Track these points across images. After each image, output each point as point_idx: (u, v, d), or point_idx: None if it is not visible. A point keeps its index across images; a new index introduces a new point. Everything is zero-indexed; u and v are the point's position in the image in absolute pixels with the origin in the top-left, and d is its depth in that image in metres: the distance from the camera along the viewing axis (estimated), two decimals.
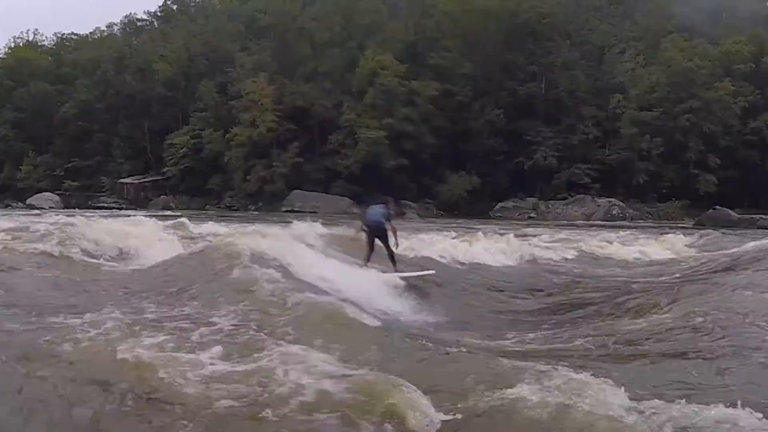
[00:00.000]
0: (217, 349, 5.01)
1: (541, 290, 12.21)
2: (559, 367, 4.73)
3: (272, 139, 53.65)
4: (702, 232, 25.23)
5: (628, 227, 31.45)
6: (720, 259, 15.30)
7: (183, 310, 6.52)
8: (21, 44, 74.02)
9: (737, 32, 54.85)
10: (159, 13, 79.92)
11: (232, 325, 5.86)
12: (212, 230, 16.12)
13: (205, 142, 56.47)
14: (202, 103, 58.81)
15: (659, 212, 47.51)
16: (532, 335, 7.68)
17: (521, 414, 3.95)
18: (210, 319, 6.03)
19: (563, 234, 23.67)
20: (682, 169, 49.91)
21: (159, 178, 59.35)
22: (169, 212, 37.64)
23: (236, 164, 53.99)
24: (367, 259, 11.74)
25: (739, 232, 26.32)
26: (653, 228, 32.16)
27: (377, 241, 11.82)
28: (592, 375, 4.49)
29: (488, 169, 51.07)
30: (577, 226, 33.40)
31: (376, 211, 12.02)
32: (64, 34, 78.08)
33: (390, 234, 11.70)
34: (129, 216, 16.52)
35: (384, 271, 11.51)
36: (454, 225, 27.24)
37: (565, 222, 40.18)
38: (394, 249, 11.76)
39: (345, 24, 58.89)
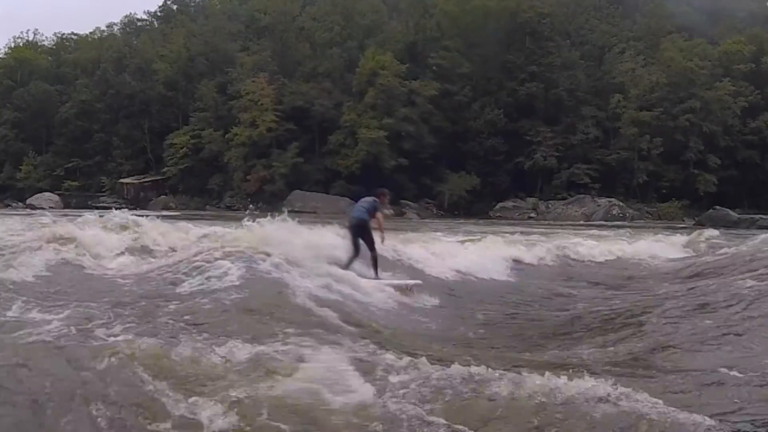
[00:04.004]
0: None
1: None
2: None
3: (272, 139, 53.64)
4: None
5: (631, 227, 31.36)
6: None
7: None
8: (21, 44, 73.96)
9: (737, 32, 54.94)
10: (159, 13, 79.87)
11: None
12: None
13: (205, 142, 56.43)
14: (202, 103, 58.76)
15: (659, 212, 47.49)
16: None
17: None
18: None
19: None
20: (682, 169, 49.91)
21: (159, 178, 59.32)
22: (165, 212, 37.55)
23: (236, 164, 53.97)
24: (347, 264, 9.77)
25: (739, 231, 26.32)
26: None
27: (361, 242, 9.97)
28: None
29: (488, 169, 51.04)
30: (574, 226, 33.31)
31: (360, 204, 10.37)
32: (64, 34, 78.13)
33: (377, 231, 9.97)
34: None
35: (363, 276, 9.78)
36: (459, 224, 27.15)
37: (570, 222, 40.12)
38: (380, 245, 9.99)
39: (345, 24, 58.92)
